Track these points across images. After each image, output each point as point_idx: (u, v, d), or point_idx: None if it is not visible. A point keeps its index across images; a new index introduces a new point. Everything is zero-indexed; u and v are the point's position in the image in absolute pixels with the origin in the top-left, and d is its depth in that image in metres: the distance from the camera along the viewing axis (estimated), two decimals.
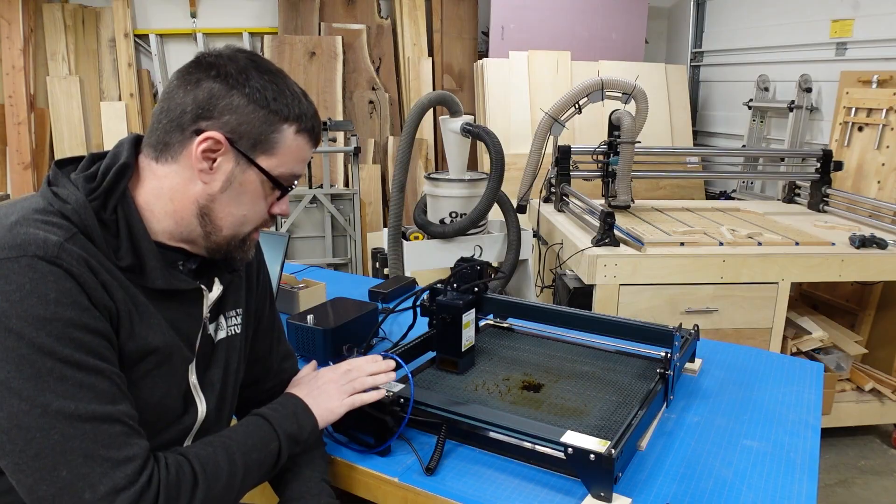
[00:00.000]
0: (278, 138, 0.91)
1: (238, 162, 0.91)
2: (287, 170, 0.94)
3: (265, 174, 0.92)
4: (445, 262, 2.67)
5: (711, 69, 4.82)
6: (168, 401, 0.94)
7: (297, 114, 0.92)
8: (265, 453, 0.97)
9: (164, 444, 0.93)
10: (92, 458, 0.78)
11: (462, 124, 2.62)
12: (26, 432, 0.76)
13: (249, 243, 0.99)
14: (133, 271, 0.88)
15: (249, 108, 0.89)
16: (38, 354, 0.76)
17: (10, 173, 4.44)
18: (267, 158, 0.92)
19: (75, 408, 0.77)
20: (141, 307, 0.88)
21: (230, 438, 0.95)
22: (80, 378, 0.78)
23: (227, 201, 0.92)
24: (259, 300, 1.15)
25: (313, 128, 0.96)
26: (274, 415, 1.02)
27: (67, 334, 0.78)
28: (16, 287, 0.76)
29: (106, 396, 0.80)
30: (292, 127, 0.92)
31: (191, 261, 0.98)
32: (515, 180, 3.43)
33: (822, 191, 3.19)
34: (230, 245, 0.96)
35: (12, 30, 4.34)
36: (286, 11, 4.74)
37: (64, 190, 0.86)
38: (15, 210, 0.83)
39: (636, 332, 1.44)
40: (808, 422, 1.27)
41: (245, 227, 0.96)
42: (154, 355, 0.90)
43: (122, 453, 0.80)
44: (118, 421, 0.81)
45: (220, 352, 1.04)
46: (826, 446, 2.74)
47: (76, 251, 0.81)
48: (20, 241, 0.78)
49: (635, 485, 1.05)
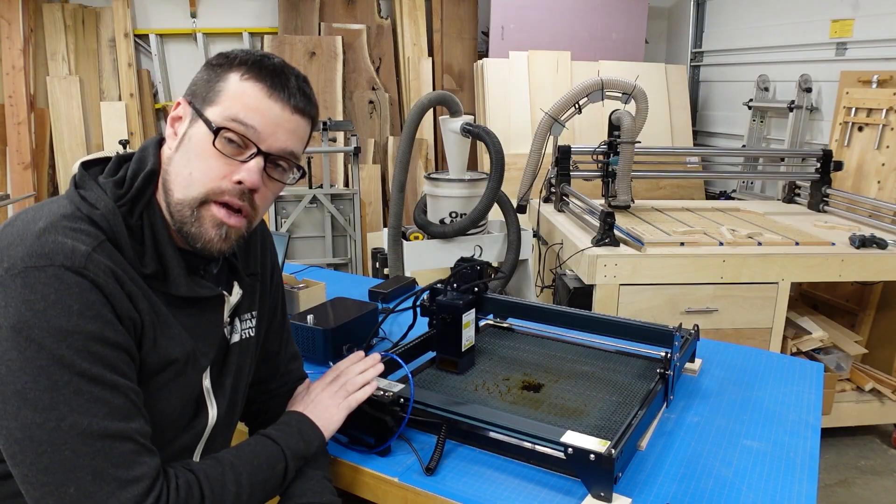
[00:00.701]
0: (223, 86, 0.89)
1: (192, 119, 0.90)
2: (230, 114, 0.87)
3: (205, 121, 0.88)
4: (445, 262, 2.67)
5: (711, 69, 4.82)
6: (183, 409, 0.94)
7: (243, 60, 0.90)
8: (271, 474, 0.97)
9: (178, 450, 0.93)
10: (101, 476, 0.77)
11: (462, 124, 2.62)
12: (38, 445, 0.75)
13: (204, 216, 0.89)
14: (157, 278, 0.88)
15: (209, 68, 0.91)
16: (57, 366, 0.75)
17: (10, 173, 4.44)
18: (212, 108, 0.89)
19: (88, 423, 0.76)
20: (162, 317, 0.88)
21: (238, 458, 0.94)
22: (97, 393, 0.77)
23: (178, 160, 0.90)
24: (272, 301, 1.15)
25: (261, 71, 0.89)
26: (280, 435, 1.02)
27: (88, 347, 0.77)
28: (40, 297, 0.76)
29: (120, 413, 0.79)
30: (237, 72, 0.89)
31: (213, 265, 0.97)
32: (515, 180, 3.43)
33: (822, 191, 3.19)
34: (182, 215, 0.88)
35: (12, 30, 4.34)
36: (286, 11, 4.74)
37: (92, 193, 0.86)
38: (42, 215, 0.82)
39: (636, 332, 1.44)
40: (808, 422, 1.27)
41: (192, 188, 0.88)
42: (173, 366, 0.90)
43: (131, 473, 0.79)
44: (129, 439, 0.80)
45: (233, 355, 1.03)
46: (826, 446, 2.74)
47: (103, 261, 0.80)
48: (48, 249, 0.78)
49: (635, 485, 1.05)
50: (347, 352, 1.40)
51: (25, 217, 0.83)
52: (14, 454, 0.76)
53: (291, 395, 1.19)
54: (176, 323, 0.90)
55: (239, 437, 1.23)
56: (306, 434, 1.04)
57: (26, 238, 0.79)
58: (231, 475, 0.91)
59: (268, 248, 1.15)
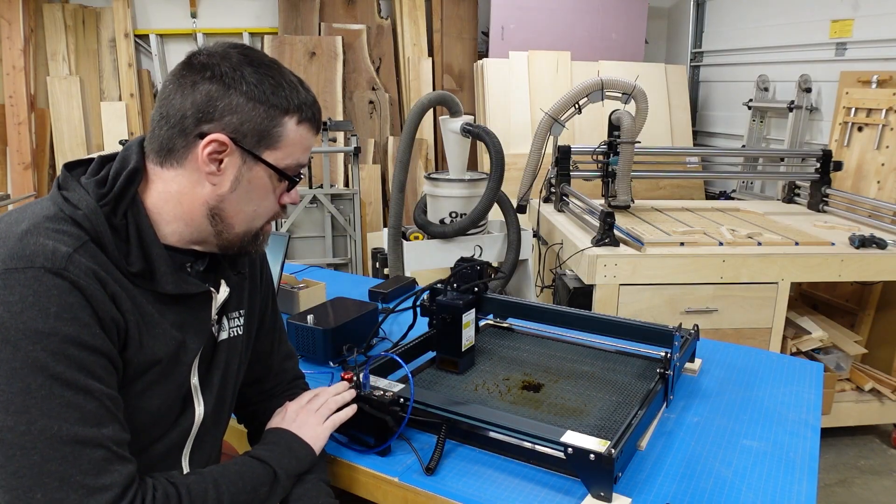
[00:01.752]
0: (281, 131, 0.91)
1: (245, 160, 0.91)
2: (293, 161, 0.95)
3: (273, 168, 0.93)
4: (445, 262, 2.67)
5: (711, 69, 4.82)
6: (168, 406, 0.94)
7: (297, 104, 0.92)
8: (254, 497, 0.95)
9: (166, 449, 0.93)
10: (68, 483, 0.76)
11: (462, 124, 2.62)
12: (8, 448, 0.75)
13: (263, 236, 1.00)
14: (143, 277, 0.88)
15: (249, 105, 0.88)
16: (30, 369, 0.75)
17: (10, 173, 4.44)
18: (272, 153, 0.92)
19: (58, 428, 0.76)
20: (147, 317, 0.88)
21: (222, 476, 0.94)
22: (69, 397, 0.77)
23: (237, 199, 0.93)
24: (262, 300, 1.15)
25: (314, 116, 0.96)
26: (271, 455, 1.01)
27: (63, 350, 0.77)
28: (18, 298, 0.76)
29: (92, 419, 0.78)
30: (294, 118, 0.92)
31: (199, 262, 0.97)
32: (515, 180, 3.43)
33: (821, 191, 3.19)
34: (243, 241, 0.97)
35: (13, 30, 4.34)
36: (286, 11, 4.74)
37: (74, 194, 0.86)
38: (25, 216, 0.82)
39: (636, 332, 1.44)
40: (807, 421, 1.27)
41: (256, 221, 0.97)
42: (159, 366, 0.90)
43: (100, 481, 0.78)
44: (100, 446, 0.79)
45: (221, 353, 1.03)
46: (826, 446, 2.74)
47: (85, 262, 0.80)
48: (29, 251, 0.78)
49: (635, 484, 1.05)
50: (347, 352, 1.41)
51: (9, 219, 0.83)
52: None
53: (288, 394, 1.19)
54: (163, 321, 0.90)
55: (239, 437, 1.23)
56: (298, 451, 1.04)
57: (8, 240, 0.79)
58: (213, 493, 0.90)
59: None
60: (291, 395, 1.18)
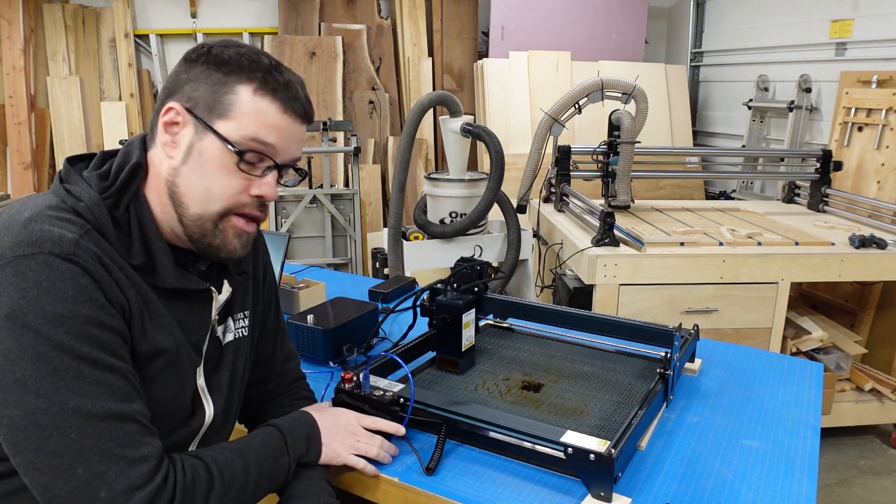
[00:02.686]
0: (233, 99, 0.87)
1: (196, 130, 0.88)
2: (248, 133, 0.87)
3: (221, 138, 0.87)
4: (445, 262, 2.67)
5: (711, 69, 4.82)
6: (176, 403, 0.94)
7: (259, 75, 0.87)
8: (276, 467, 0.97)
9: (170, 448, 0.93)
10: (108, 456, 0.78)
11: (462, 124, 2.63)
12: (43, 430, 0.76)
13: (226, 228, 0.92)
14: (145, 270, 0.88)
15: (205, 74, 0.88)
16: (56, 352, 0.76)
17: (10, 173, 4.44)
18: (224, 122, 0.87)
19: (92, 406, 0.77)
20: (151, 306, 0.88)
21: (247, 447, 0.95)
22: (97, 376, 0.78)
23: (188, 173, 0.88)
24: (265, 302, 1.15)
25: (276, 88, 0.88)
26: (290, 431, 1.02)
27: (85, 331, 0.78)
28: (33, 284, 0.76)
29: (122, 394, 0.80)
30: (249, 87, 0.87)
31: (200, 262, 0.98)
32: (515, 180, 3.43)
33: (821, 191, 3.19)
34: (203, 229, 0.90)
35: (13, 30, 4.34)
36: (286, 11, 4.74)
37: (77, 187, 0.86)
38: (28, 207, 0.83)
39: (636, 332, 1.44)
40: (807, 421, 1.27)
41: (212, 203, 0.89)
42: (163, 356, 0.90)
43: (138, 452, 0.80)
44: (133, 419, 0.81)
45: (227, 354, 1.04)
46: (826, 446, 2.74)
47: (91, 248, 0.81)
48: (36, 237, 0.78)
49: (635, 485, 1.05)
50: (347, 352, 1.40)
51: (11, 210, 0.84)
52: (17, 442, 0.76)
53: (289, 395, 1.19)
54: (167, 313, 0.90)
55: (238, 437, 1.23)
56: (313, 443, 1.04)
57: (12, 228, 0.79)
58: (240, 461, 0.92)
59: (259, 249, 1.15)
60: (293, 396, 1.19)
